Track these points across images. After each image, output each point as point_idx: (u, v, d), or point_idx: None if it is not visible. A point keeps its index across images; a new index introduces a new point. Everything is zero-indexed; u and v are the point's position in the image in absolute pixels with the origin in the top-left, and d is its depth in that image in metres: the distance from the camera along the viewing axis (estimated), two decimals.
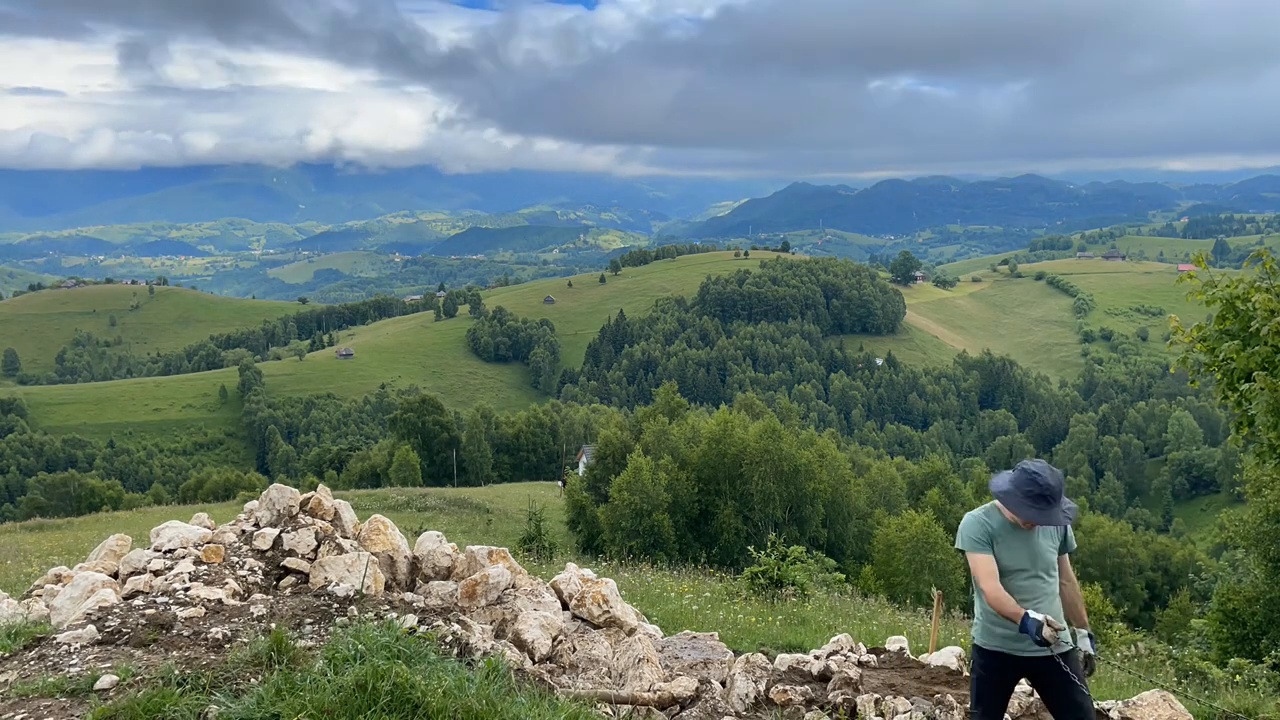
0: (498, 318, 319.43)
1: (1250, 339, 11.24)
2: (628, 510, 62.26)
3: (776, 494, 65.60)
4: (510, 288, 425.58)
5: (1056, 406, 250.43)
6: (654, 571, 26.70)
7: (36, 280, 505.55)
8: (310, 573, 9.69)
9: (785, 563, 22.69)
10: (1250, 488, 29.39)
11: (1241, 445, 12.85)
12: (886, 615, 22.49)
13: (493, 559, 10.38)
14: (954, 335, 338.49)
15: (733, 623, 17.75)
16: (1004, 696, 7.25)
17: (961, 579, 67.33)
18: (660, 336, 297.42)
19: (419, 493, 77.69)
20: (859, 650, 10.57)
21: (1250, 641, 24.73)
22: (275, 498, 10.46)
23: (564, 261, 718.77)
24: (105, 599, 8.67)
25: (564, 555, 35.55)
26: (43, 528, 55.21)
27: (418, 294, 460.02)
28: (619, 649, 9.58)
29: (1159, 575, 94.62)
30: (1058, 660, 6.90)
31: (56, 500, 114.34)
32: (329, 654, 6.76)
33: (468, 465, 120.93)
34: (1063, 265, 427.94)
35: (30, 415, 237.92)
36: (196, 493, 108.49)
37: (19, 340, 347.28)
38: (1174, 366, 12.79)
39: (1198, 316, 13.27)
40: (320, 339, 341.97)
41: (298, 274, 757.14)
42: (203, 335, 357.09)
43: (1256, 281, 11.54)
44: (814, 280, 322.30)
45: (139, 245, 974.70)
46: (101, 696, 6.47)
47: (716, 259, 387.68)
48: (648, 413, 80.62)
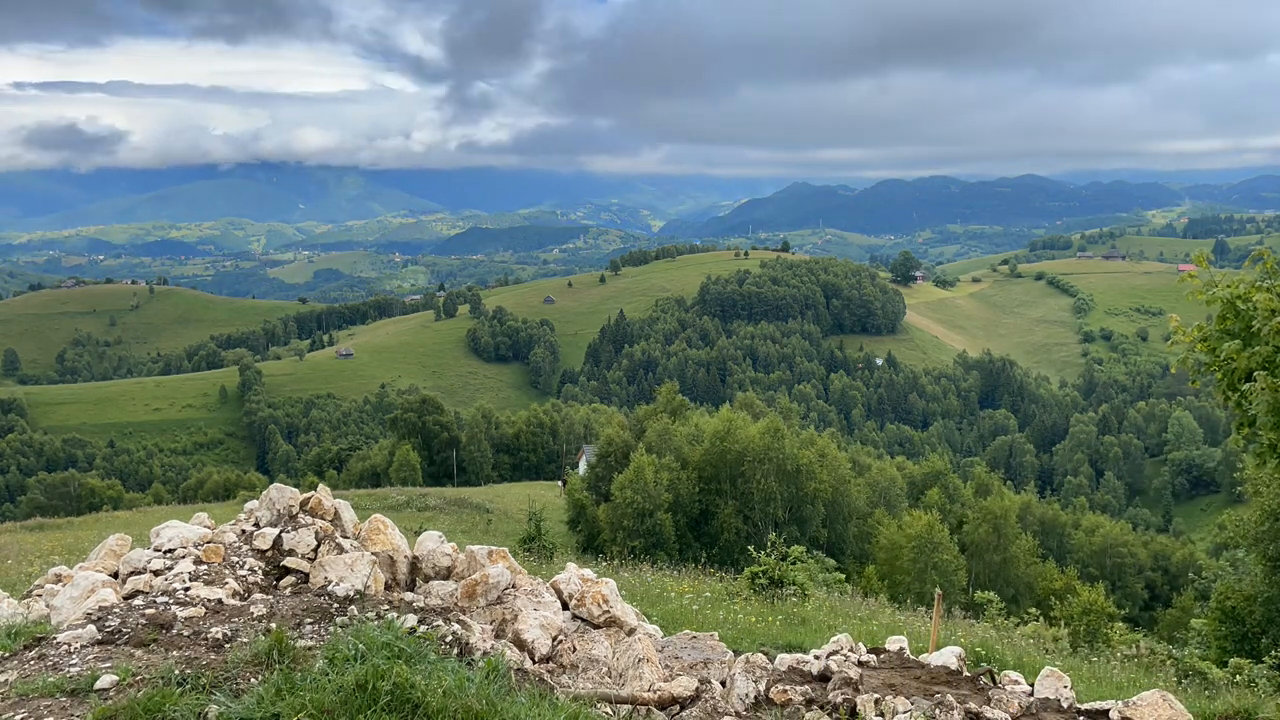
0: (498, 318, 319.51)
1: (1251, 339, 11.23)
2: (630, 509, 62.28)
3: (777, 493, 65.63)
4: (510, 288, 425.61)
5: (1056, 406, 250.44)
6: (654, 571, 26.71)
7: (36, 280, 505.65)
8: (310, 573, 9.69)
9: (785, 563, 22.72)
10: (1250, 488, 29.41)
11: (1242, 445, 12.84)
12: (886, 615, 22.50)
13: (493, 559, 10.38)
14: (954, 335, 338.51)
15: (733, 623, 17.75)
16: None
17: (963, 579, 67.37)
18: (660, 336, 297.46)
19: (419, 492, 77.76)
20: (859, 650, 10.57)
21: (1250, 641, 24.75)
22: (275, 498, 10.46)
23: (564, 261, 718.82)
24: (105, 599, 8.66)
25: (564, 555, 35.56)
26: (43, 527, 55.26)
27: (418, 294, 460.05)
28: (619, 649, 9.58)
29: (1159, 575, 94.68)
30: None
31: (57, 500, 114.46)
32: (329, 654, 6.76)
33: (468, 465, 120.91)
34: (1063, 265, 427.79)
35: (30, 415, 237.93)
36: (196, 492, 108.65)
37: (19, 340, 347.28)
38: (1174, 366, 12.77)
39: (1198, 316, 13.27)
40: (320, 339, 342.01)
41: (298, 274, 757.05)
42: (203, 335, 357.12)
43: (1257, 281, 11.53)
44: (814, 280, 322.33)
45: (139, 245, 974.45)
46: (101, 696, 6.47)
47: (716, 259, 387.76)
48: (649, 412, 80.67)
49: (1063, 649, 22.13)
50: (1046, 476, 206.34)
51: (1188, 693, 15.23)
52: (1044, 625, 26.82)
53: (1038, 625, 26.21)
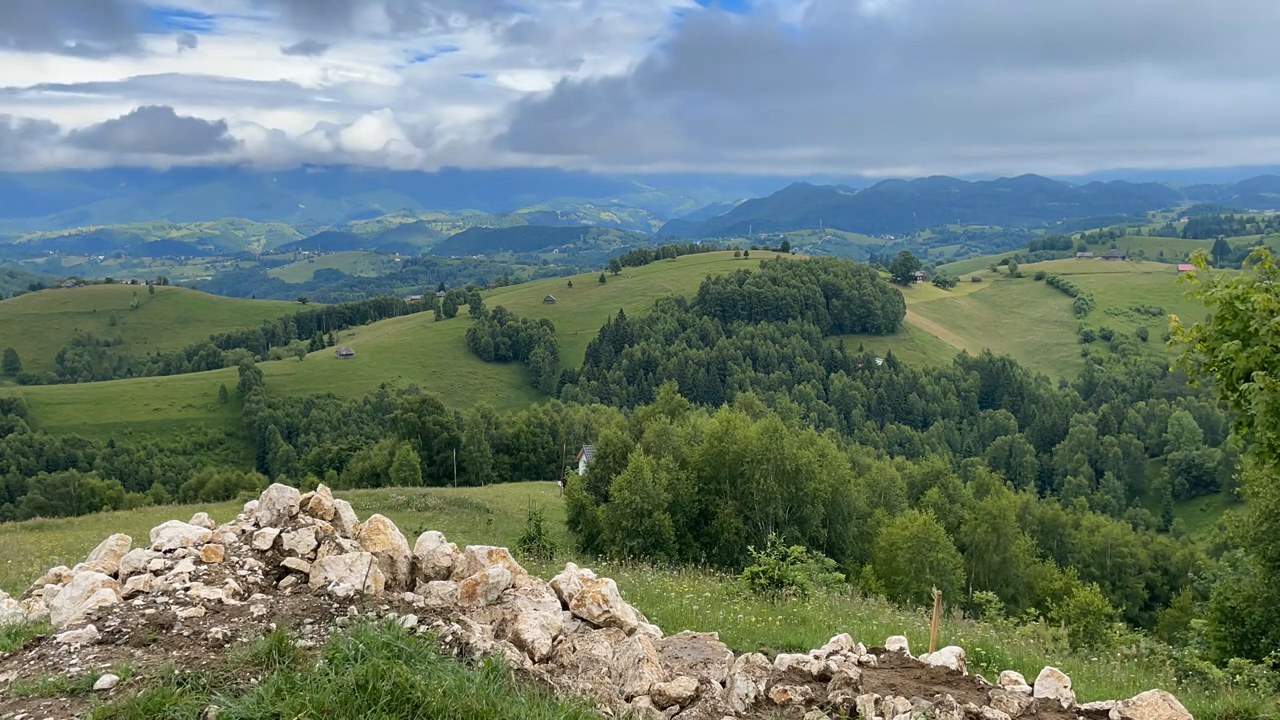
0: (498, 318, 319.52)
1: (1250, 339, 11.24)
2: (628, 510, 62.31)
3: (777, 494, 65.66)
4: (510, 288, 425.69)
5: (1056, 406, 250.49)
6: (654, 571, 26.70)
7: (36, 280, 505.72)
8: (310, 573, 9.69)
9: (785, 563, 22.72)
10: (1249, 488, 29.42)
11: (1241, 445, 12.86)
12: (886, 615, 22.51)
13: (493, 559, 10.38)
14: (954, 335, 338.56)
15: (733, 623, 17.75)
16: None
17: (962, 579, 67.41)
18: (660, 336, 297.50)
19: (419, 492, 77.83)
20: (859, 650, 10.57)
21: (1250, 641, 24.77)
22: (275, 497, 10.46)
23: (564, 261, 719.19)
24: (105, 599, 8.67)
25: (564, 555, 35.56)
26: (43, 527, 55.31)
27: (418, 294, 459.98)
28: (619, 649, 9.58)
29: (1159, 575, 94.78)
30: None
31: (57, 500, 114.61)
32: (329, 654, 6.76)
33: (468, 465, 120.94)
34: (1063, 265, 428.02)
35: (30, 415, 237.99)
36: (197, 492, 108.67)
37: (19, 340, 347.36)
38: (1174, 366, 12.78)
39: (1198, 316, 13.27)
40: (320, 339, 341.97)
41: (298, 274, 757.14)
42: (203, 335, 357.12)
43: (1256, 282, 11.54)
44: (814, 280, 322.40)
45: (139, 245, 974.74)
46: (101, 696, 6.47)
47: (716, 259, 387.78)
48: (648, 412, 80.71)
49: (1062, 649, 22.14)
50: (1046, 476, 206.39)
51: (1188, 693, 15.23)
52: (1044, 625, 26.82)
53: (1037, 625, 26.21)
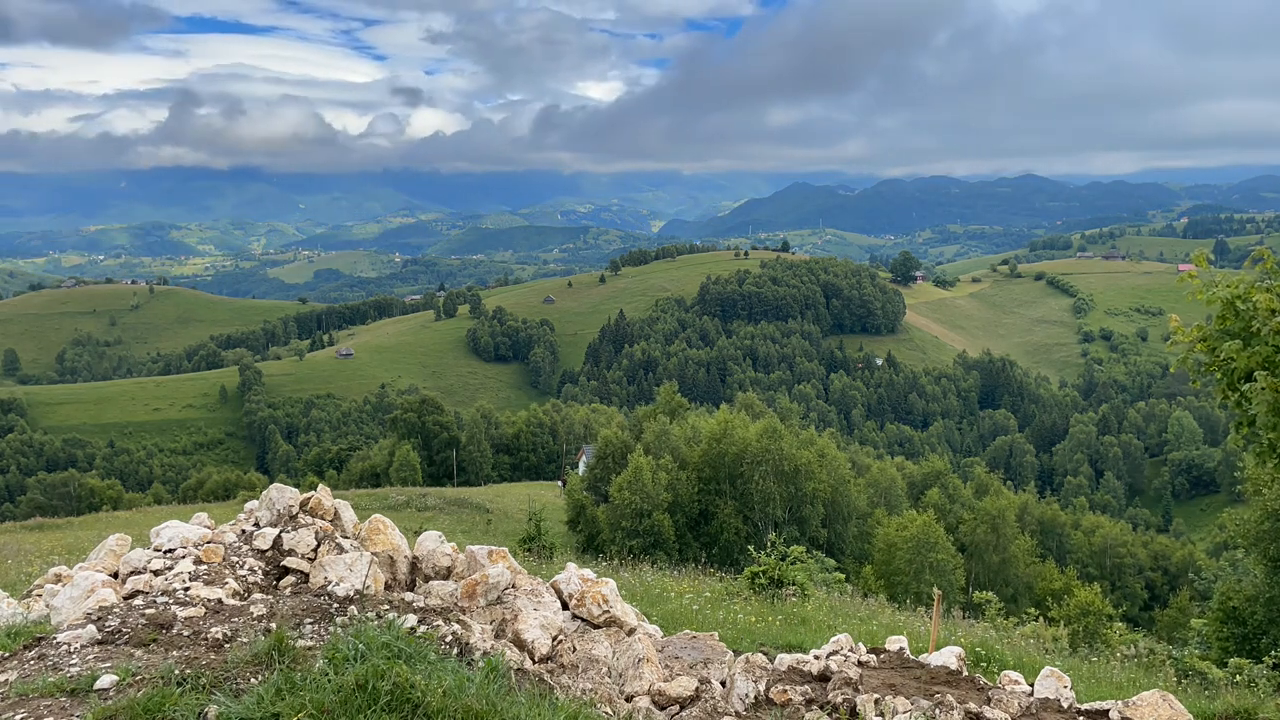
0: (498, 318, 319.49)
1: (1251, 339, 11.23)
2: (628, 510, 62.30)
3: (777, 494, 65.64)
4: (510, 288, 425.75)
5: (1056, 406, 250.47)
6: (654, 571, 26.69)
7: (36, 280, 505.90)
8: (310, 573, 9.69)
9: (785, 563, 22.71)
10: (1250, 487, 29.40)
11: (1242, 445, 12.84)
12: (886, 615, 22.50)
13: (493, 559, 10.37)
14: (954, 335, 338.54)
15: (733, 623, 17.74)
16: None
17: (962, 579, 67.39)
18: (660, 336, 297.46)
19: (419, 492, 77.86)
20: (859, 650, 10.56)
21: (1250, 641, 24.75)
22: (275, 497, 10.46)
23: (564, 261, 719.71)
24: (105, 599, 8.66)
25: (564, 555, 35.54)
26: (43, 527, 55.34)
27: (418, 294, 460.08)
28: (619, 649, 9.58)
29: (1159, 575, 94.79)
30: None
31: (56, 500, 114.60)
32: (329, 654, 6.76)
33: (468, 465, 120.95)
34: (1062, 265, 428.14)
35: (30, 415, 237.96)
36: (196, 492, 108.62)
37: (19, 340, 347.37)
38: (1174, 366, 12.76)
39: (1198, 316, 13.26)
40: (320, 339, 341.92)
41: (298, 274, 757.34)
42: (203, 335, 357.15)
43: (1257, 281, 11.52)
44: (814, 280, 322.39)
45: (139, 245, 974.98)
46: (101, 696, 6.47)
47: (716, 259, 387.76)
48: (648, 412, 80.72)
49: (1062, 649, 22.13)
50: (1046, 477, 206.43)
51: (1187, 693, 15.23)
52: (1043, 625, 26.82)
53: (1037, 625, 26.20)
